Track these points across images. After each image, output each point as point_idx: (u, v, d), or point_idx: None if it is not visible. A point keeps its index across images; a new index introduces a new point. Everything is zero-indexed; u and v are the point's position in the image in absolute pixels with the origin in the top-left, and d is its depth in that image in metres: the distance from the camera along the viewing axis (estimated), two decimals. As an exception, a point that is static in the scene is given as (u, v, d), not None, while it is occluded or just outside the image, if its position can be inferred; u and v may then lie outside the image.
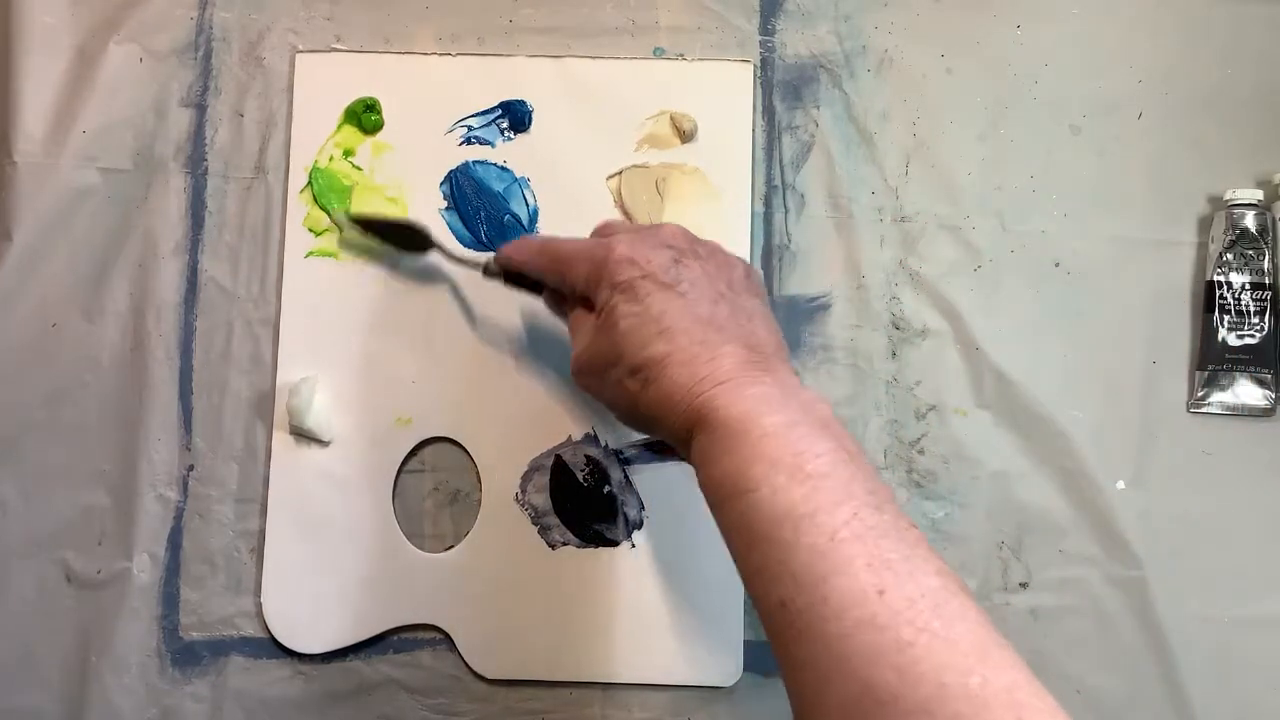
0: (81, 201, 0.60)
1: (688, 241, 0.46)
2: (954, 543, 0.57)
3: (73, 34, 0.61)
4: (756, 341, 0.44)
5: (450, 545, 0.58)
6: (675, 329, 0.43)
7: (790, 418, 0.40)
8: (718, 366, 0.42)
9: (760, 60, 0.61)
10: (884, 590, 0.34)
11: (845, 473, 0.38)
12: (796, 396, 0.41)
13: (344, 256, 0.59)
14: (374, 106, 0.60)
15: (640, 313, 0.44)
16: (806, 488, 0.37)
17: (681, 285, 0.44)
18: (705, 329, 0.43)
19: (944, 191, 0.60)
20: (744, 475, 0.39)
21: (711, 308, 0.44)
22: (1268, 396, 0.58)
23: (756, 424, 0.40)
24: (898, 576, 0.35)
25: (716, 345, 0.43)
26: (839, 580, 0.35)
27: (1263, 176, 0.59)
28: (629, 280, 0.44)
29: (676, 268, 0.45)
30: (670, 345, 0.43)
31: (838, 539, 0.36)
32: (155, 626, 0.58)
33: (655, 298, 0.44)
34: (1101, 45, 0.61)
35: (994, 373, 0.58)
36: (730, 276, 0.46)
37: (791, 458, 0.38)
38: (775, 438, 0.39)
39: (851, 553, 0.35)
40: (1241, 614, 0.57)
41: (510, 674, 0.57)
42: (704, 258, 0.46)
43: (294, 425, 0.57)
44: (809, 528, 0.36)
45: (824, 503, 0.37)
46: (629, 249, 0.45)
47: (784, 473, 0.38)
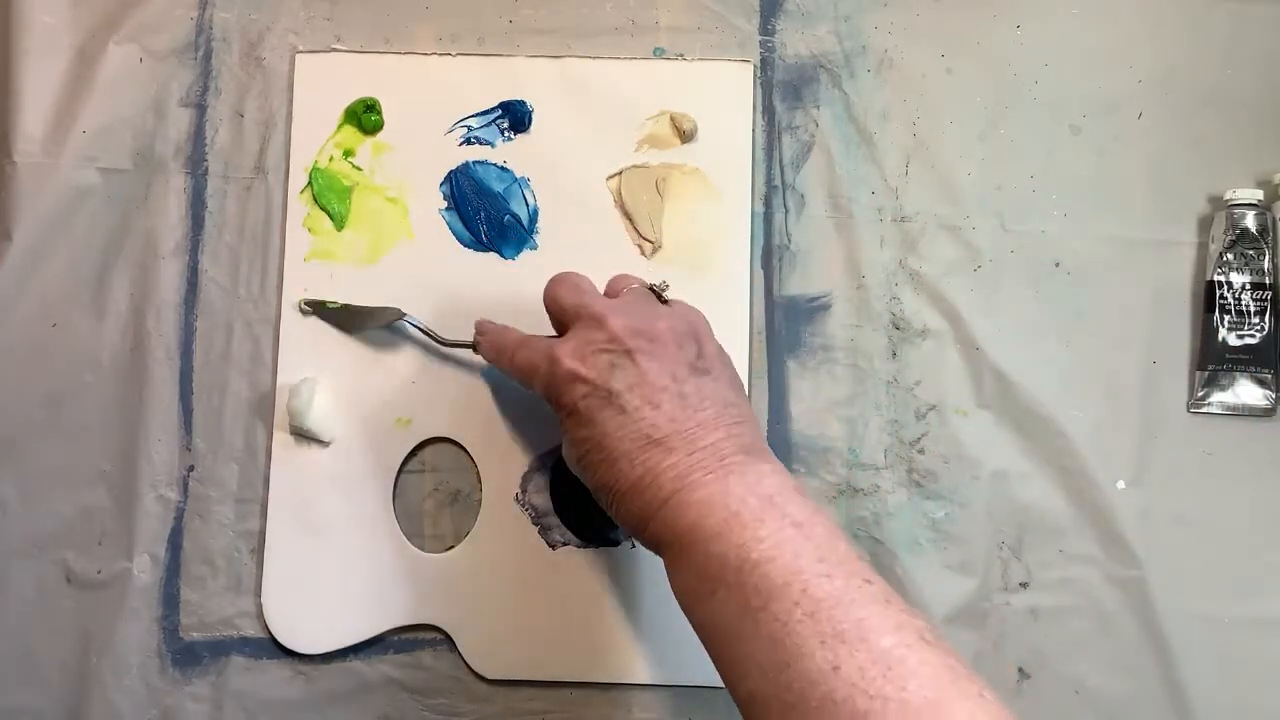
0: (81, 201, 0.60)
1: (631, 337, 0.46)
2: (954, 543, 0.58)
3: (73, 34, 0.61)
4: (699, 435, 0.44)
5: (450, 545, 0.58)
6: (618, 454, 0.45)
7: (730, 511, 0.41)
8: (660, 485, 0.44)
9: (760, 60, 0.61)
10: (838, 665, 0.36)
11: (791, 549, 0.39)
12: (741, 480, 0.43)
13: (343, 257, 0.59)
14: (374, 106, 0.60)
15: (588, 438, 0.46)
16: (755, 578, 0.39)
17: (622, 396, 0.45)
18: (645, 447, 0.44)
19: (944, 191, 0.60)
20: (701, 581, 0.41)
21: (653, 415, 0.44)
22: (1268, 396, 0.58)
23: (700, 531, 0.41)
24: (850, 647, 0.36)
25: (657, 463, 0.44)
26: (797, 664, 0.37)
27: (1263, 176, 0.59)
28: (573, 403, 0.46)
29: (615, 372, 0.45)
30: (614, 474, 0.45)
31: (791, 622, 0.37)
32: (155, 627, 0.58)
33: (599, 415, 0.45)
34: (1101, 45, 0.61)
35: (994, 373, 0.58)
36: (677, 363, 0.46)
37: (736, 551, 0.40)
38: (719, 538, 0.41)
39: (805, 634, 0.37)
40: (1241, 614, 0.57)
41: (510, 674, 0.57)
42: (648, 351, 0.46)
43: (294, 426, 0.57)
44: (764, 619, 0.38)
45: (774, 589, 0.38)
46: (572, 360, 0.46)
47: (732, 569, 0.40)
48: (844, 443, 0.58)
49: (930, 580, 0.57)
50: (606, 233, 0.59)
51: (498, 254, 0.59)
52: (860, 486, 0.58)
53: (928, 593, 0.57)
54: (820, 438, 0.58)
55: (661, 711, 0.57)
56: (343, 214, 0.60)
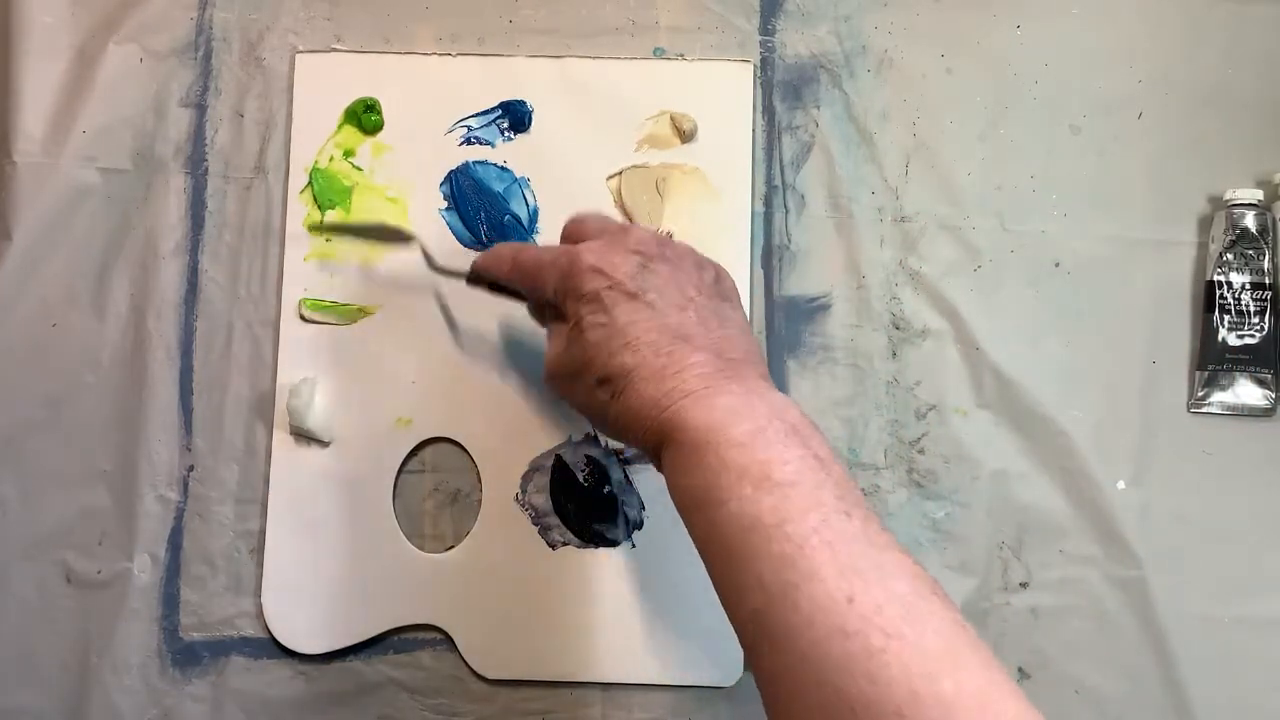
0: (81, 201, 0.60)
1: (656, 246, 0.46)
2: (954, 543, 0.58)
3: (72, 34, 0.61)
4: (725, 348, 0.44)
5: (450, 545, 0.58)
6: (641, 340, 0.43)
7: (757, 425, 0.40)
8: (684, 378, 0.42)
9: (760, 60, 0.61)
10: (853, 597, 0.34)
11: (813, 479, 0.38)
12: (766, 402, 0.41)
13: (342, 258, 0.59)
14: (374, 106, 0.60)
15: (607, 324, 0.44)
16: (775, 497, 0.37)
17: (649, 294, 0.44)
18: (672, 339, 0.43)
19: (944, 191, 0.60)
20: (712, 487, 0.39)
21: (679, 315, 0.44)
22: (1268, 396, 0.58)
23: (724, 434, 0.40)
24: (866, 583, 0.35)
25: (684, 356, 0.43)
26: (809, 588, 0.35)
27: (1263, 176, 0.59)
28: (595, 291, 0.44)
29: (643, 274, 0.45)
30: (636, 357, 0.43)
31: (807, 547, 0.36)
32: (155, 627, 0.58)
33: (622, 308, 0.44)
34: (1101, 45, 0.61)
35: (994, 373, 0.58)
36: (700, 280, 0.46)
37: (759, 467, 0.38)
38: (742, 448, 0.39)
39: (820, 560, 0.36)
40: (1241, 614, 0.57)
41: (510, 674, 0.57)
42: (673, 262, 0.46)
43: (294, 426, 0.57)
44: (778, 536, 0.36)
45: (792, 511, 0.37)
46: (595, 258, 0.45)
47: (751, 483, 0.38)
48: (844, 443, 0.58)
49: (930, 580, 0.57)
50: (606, 233, 0.59)
51: (498, 254, 0.59)
52: (860, 486, 0.58)
53: (928, 593, 0.57)
54: (820, 438, 0.58)
55: (661, 711, 0.57)
56: (343, 214, 0.60)
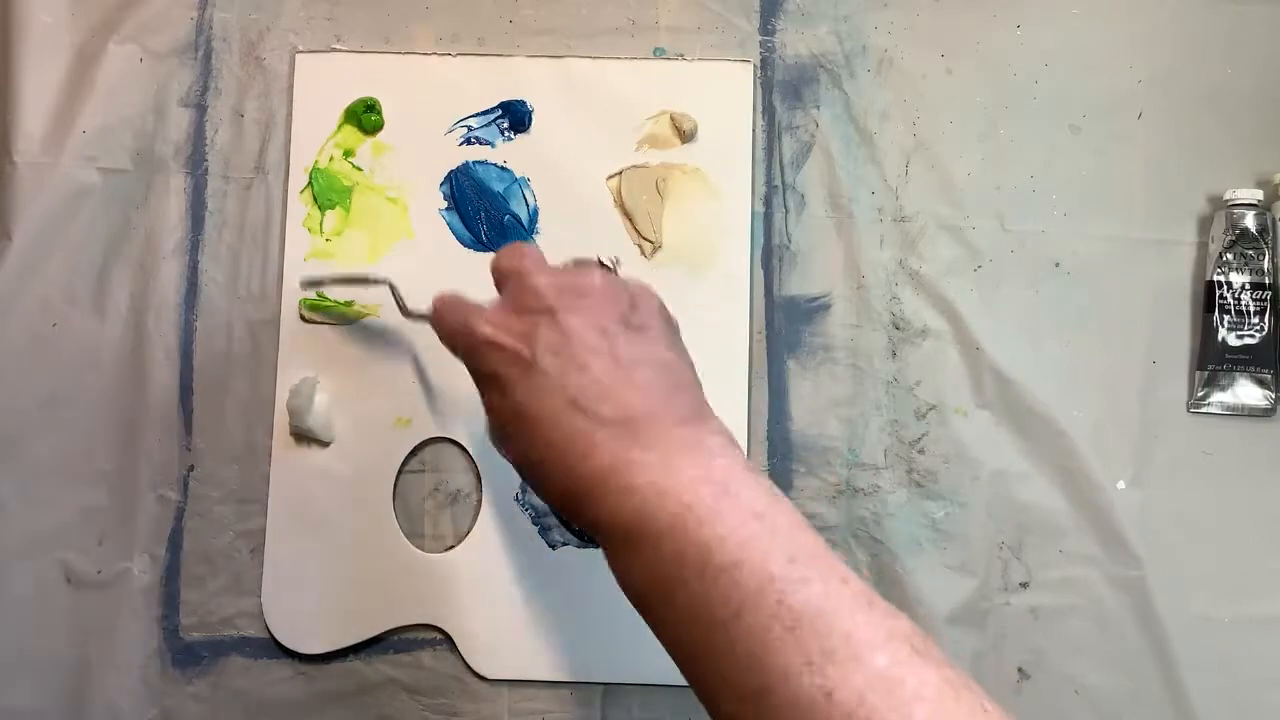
0: (81, 201, 0.60)
1: (556, 294, 0.41)
2: (954, 542, 0.58)
3: (72, 34, 0.61)
4: (634, 403, 0.39)
5: (450, 545, 0.58)
6: (542, 422, 0.39)
7: (684, 502, 0.36)
8: (592, 462, 0.38)
9: (760, 60, 0.61)
10: (830, 691, 0.32)
11: (759, 549, 0.35)
12: (690, 460, 0.38)
13: (343, 257, 0.59)
14: (374, 106, 0.60)
15: (506, 406, 0.41)
16: (722, 584, 0.34)
17: (543, 359, 0.40)
18: (573, 414, 0.39)
19: (944, 191, 0.60)
20: (655, 583, 0.36)
21: (579, 377, 0.39)
22: (1268, 396, 0.58)
23: (651, 521, 0.36)
24: (842, 669, 0.32)
25: (588, 434, 0.39)
26: (782, 689, 0.32)
27: (1263, 176, 0.59)
28: (490, 369, 0.41)
29: (539, 334, 0.40)
30: (538, 445, 0.39)
31: (770, 640, 0.33)
32: (155, 627, 0.58)
33: (518, 385, 0.40)
34: (1101, 45, 0.61)
35: (994, 373, 0.58)
36: (609, 319, 0.41)
37: (696, 552, 0.35)
38: (672, 534, 0.36)
39: (788, 653, 0.33)
40: (1241, 614, 0.57)
41: (510, 674, 0.57)
42: (575, 308, 0.41)
43: (294, 425, 0.57)
44: (738, 632, 0.33)
45: (745, 597, 0.34)
46: (489, 328, 0.41)
47: (694, 573, 0.35)
48: (844, 443, 0.58)
49: (930, 580, 0.57)
50: (606, 233, 0.59)
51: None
52: (860, 486, 0.58)
53: (928, 593, 0.57)
54: (820, 438, 0.58)
55: (661, 711, 0.57)
56: (343, 214, 0.60)
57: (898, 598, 0.57)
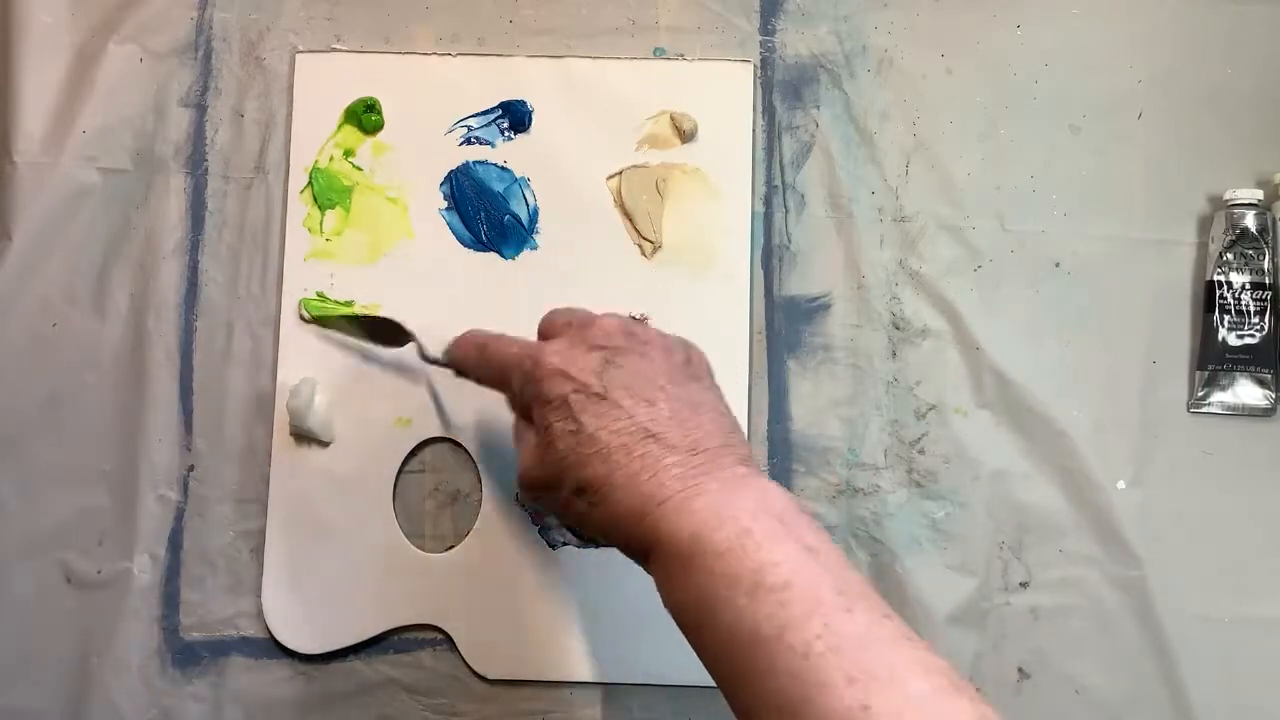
0: (81, 201, 0.60)
1: (623, 337, 0.44)
2: (954, 542, 0.57)
3: (73, 34, 0.61)
4: (700, 439, 0.42)
5: (450, 545, 0.58)
6: (612, 446, 0.41)
7: (741, 526, 0.38)
8: (660, 484, 0.40)
9: (760, 60, 0.61)
10: (868, 705, 0.32)
11: (809, 577, 0.36)
12: (748, 495, 0.40)
13: (343, 257, 0.59)
14: (374, 106, 0.60)
15: (576, 431, 0.42)
16: (770, 604, 0.36)
17: (615, 391, 0.42)
18: (643, 441, 0.41)
19: (944, 191, 0.60)
20: (705, 600, 0.38)
21: (649, 411, 0.42)
22: (1268, 396, 0.58)
23: (708, 543, 0.38)
24: (882, 688, 0.33)
25: (657, 458, 0.41)
26: (821, 700, 0.33)
27: (1263, 176, 0.59)
28: (561, 396, 0.43)
29: (608, 371, 0.43)
30: (608, 466, 0.41)
31: (812, 656, 0.34)
32: (155, 627, 0.58)
33: (589, 413, 0.42)
34: (1101, 45, 0.61)
35: (994, 373, 0.58)
36: (669, 367, 0.44)
37: (749, 574, 0.37)
38: (728, 555, 0.37)
39: (829, 669, 0.34)
40: (1241, 614, 0.57)
41: (510, 674, 0.57)
42: (639, 352, 0.44)
43: (294, 426, 0.57)
44: (780, 649, 0.35)
45: (792, 618, 0.35)
46: (559, 359, 0.43)
47: (744, 592, 0.36)
48: (844, 443, 0.58)
49: (930, 580, 0.57)
50: (606, 233, 0.59)
51: (498, 254, 0.59)
52: (860, 486, 0.58)
53: (928, 593, 0.57)
54: (820, 438, 0.58)
55: (661, 711, 0.57)
56: (343, 213, 0.60)
57: (898, 598, 0.57)
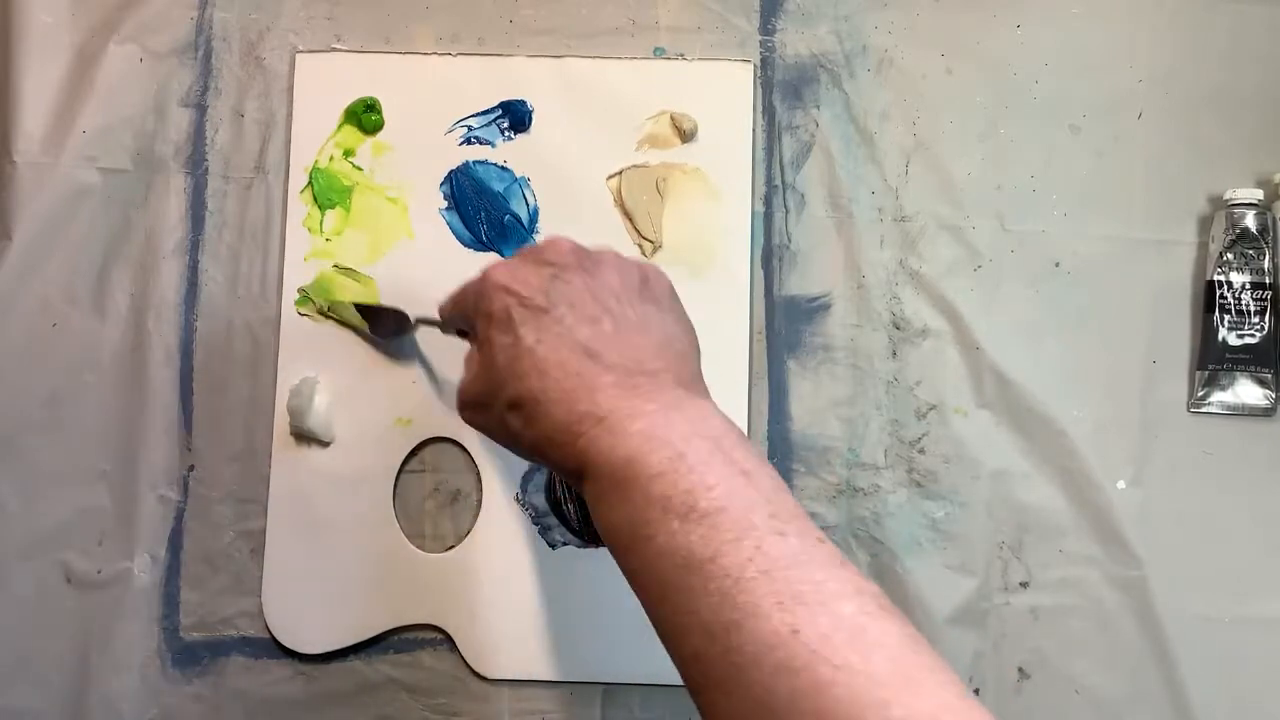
0: (81, 201, 0.60)
1: (574, 255, 0.43)
2: (954, 543, 0.58)
3: (73, 34, 0.61)
4: (641, 360, 0.41)
5: (450, 545, 0.58)
6: (549, 361, 0.41)
7: (676, 450, 0.38)
8: (596, 401, 0.40)
9: (760, 60, 0.61)
10: (798, 629, 0.33)
11: (743, 500, 0.36)
12: (685, 416, 0.39)
13: (343, 257, 0.59)
14: (374, 106, 0.60)
15: (513, 344, 0.41)
16: (703, 527, 0.36)
17: (558, 308, 0.42)
18: (581, 358, 0.41)
19: (944, 191, 0.60)
20: (638, 523, 0.37)
21: (591, 329, 0.41)
22: (1268, 396, 0.58)
23: (641, 465, 0.38)
24: (810, 610, 0.33)
25: (594, 376, 0.40)
26: (751, 624, 0.33)
27: (1263, 176, 0.59)
28: (504, 308, 0.42)
29: (554, 286, 0.42)
30: (544, 381, 0.41)
31: (743, 580, 0.34)
32: (155, 627, 0.58)
33: (528, 326, 0.41)
34: (1101, 45, 0.61)
35: (994, 373, 0.58)
36: (620, 286, 0.43)
37: (682, 496, 0.36)
38: (662, 477, 0.37)
39: (760, 592, 0.34)
40: (1241, 614, 0.57)
41: (510, 674, 0.57)
42: (589, 270, 0.43)
43: (294, 426, 0.57)
44: (713, 572, 0.35)
45: (724, 541, 0.35)
46: (504, 274, 0.43)
47: (677, 515, 0.36)
48: (844, 443, 0.58)
49: (930, 580, 0.57)
50: (607, 233, 0.59)
51: (498, 254, 0.59)
52: (860, 486, 0.58)
53: (928, 593, 0.57)
54: (820, 437, 0.58)
55: (661, 711, 0.57)
56: (343, 213, 0.60)
57: (898, 598, 0.57)
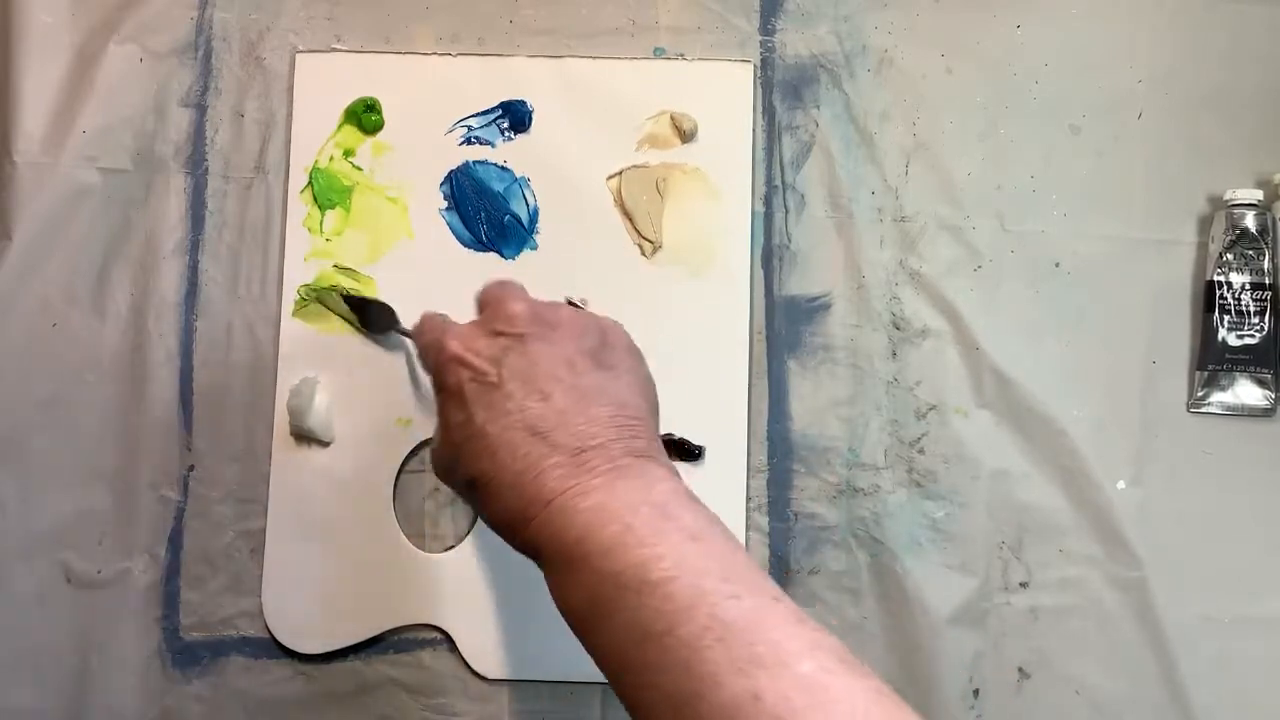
0: (81, 201, 0.60)
1: (529, 322, 0.43)
2: (954, 542, 0.57)
3: (73, 34, 0.61)
4: (590, 434, 0.41)
5: (450, 545, 0.58)
6: (499, 441, 0.41)
7: (623, 523, 0.38)
8: (542, 485, 0.40)
9: (760, 60, 0.61)
10: (759, 695, 0.33)
11: (693, 567, 0.36)
12: (630, 485, 0.40)
13: (343, 257, 0.59)
14: (374, 106, 0.60)
15: (466, 422, 0.42)
16: (656, 599, 0.36)
17: (509, 384, 0.42)
18: (529, 439, 0.41)
19: (944, 191, 0.60)
20: (594, 602, 0.38)
21: (542, 406, 0.41)
22: (1268, 396, 0.58)
23: (593, 542, 0.38)
24: (770, 673, 0.33)
25: (541, 458, 0.40)
26: (712, 694, 0.33)
27: (1263, 176, 0.59)
28: (457, 384, 0.42)
29: (506, 358, 0.42)
30: (495, 464, 0.41)
31: (700, 648, 0.34)
32: (155, 627, 0.58)
33: (479, 405, 0.42)
34: (1101, 45, 0.61)
35: (994, 373, 0.58)
36: (575, 354, 0.43)
37: (633, 571, 0.37)
38: (612, 553, 0.37)
39: (718, 661, 0.34)
40: (1241, 614, 0.57)
41: (510, 674, 0.57)
42: (544, 337, 0.43)
43: (294, 426, 0.57)
44: (670, 644, 0.35)
45: (678, 612, 0.35)
46: (458, 344, 0.43)
47: (630, 589, 0.36)
48: (844, 443, 0.58)
49: (930, 580, 0.57)
50: (606, 233, 0.59)
51: (498, 254, 0.59)
52: (860, 486, 0.58)
53: (928, 593, 0.57)
54: (820, 437, 0.58)
55: (661, 711, 0.57)
56: (343, 213, 0.60)
57: (898, 598, 0.57)
